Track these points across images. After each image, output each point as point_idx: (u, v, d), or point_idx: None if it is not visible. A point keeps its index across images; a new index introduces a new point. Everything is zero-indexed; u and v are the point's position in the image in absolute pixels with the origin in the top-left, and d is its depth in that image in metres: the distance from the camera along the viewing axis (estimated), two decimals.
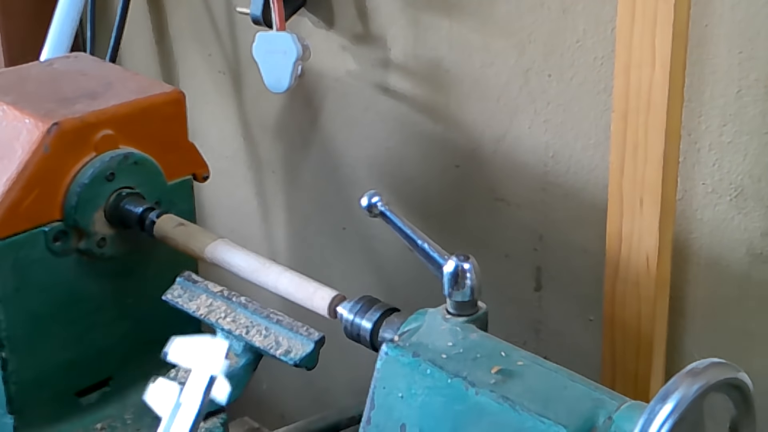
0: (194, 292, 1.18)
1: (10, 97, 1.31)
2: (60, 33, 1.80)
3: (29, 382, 1.28)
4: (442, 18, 1.37)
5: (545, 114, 1.30)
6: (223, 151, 1.79)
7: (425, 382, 0.94)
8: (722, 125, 1.13)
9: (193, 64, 1.81)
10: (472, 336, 0.98)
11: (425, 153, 1.47)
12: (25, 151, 1.23)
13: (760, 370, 1.16)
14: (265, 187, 1.76)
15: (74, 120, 1.26)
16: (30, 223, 1.24)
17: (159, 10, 1.85)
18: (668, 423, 0.78)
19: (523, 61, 1.30)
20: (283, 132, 1.69)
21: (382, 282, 1.60)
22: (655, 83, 1.10)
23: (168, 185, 1.34)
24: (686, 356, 1.24)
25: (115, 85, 1.36)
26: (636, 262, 1.18)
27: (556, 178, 1.31)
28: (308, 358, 1.02)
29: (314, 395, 1.76)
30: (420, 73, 1.43)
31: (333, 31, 1.52)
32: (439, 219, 1.48)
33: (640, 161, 1.14)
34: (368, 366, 0.99)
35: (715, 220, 1.17)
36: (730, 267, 1.18)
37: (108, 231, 1.29)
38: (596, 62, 1.22)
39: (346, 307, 1.06)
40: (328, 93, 1.57)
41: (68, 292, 1.29)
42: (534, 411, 0.87)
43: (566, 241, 1.33)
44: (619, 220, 1.18)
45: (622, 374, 1.23)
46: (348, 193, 1.59)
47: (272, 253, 1.77)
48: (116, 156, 1.28)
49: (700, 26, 1.11)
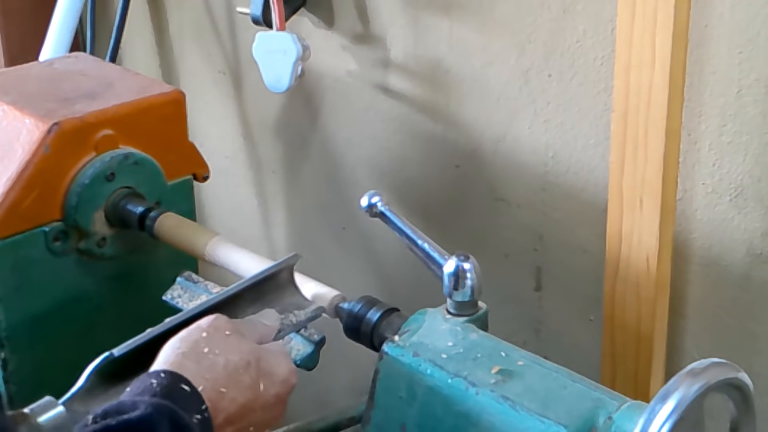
0: (194, 292, 1.18)
1: (10, 97, 1.31)
2: (60, 33, 1.80)
3: (29, 382, 1.28)
4: (442, 18, 1.37)
5: (545, 114, 1.30)
6: (223, 151, 1.79)
7: (425, 382, 0.94)
8: (722, 125, 1.13)
9: (193, 64, 1.81)
10: (472, 336, 0.98)
11: (425, 153, 1.47)
12: (25, 151, 1.23)
13: (760, 370, 1.16)
14: (265, 187, 1.76)
15: (74, 120, 1.26)
16: (30, 223, 1.24)
17: (159, 10, 1.85)
18: (668, 423, 0.78)
19: (523, 61, 1.30)
20: (283, 132, 1.69)
21: (382, 282, 1.60)
22: (655, 83, 1.10)
23: (168, 185, 1.34)
24: (686, 356, 1.24)
25: (115, 85, 1.36)
26: (636, 262, 1.18)
27: (556, 178, 1.31)
28: (308, 358, 1.02)
29: (314, 395, 1.76)
30: (420, 73, 1.43)
31: (333, 31, 1.52)
32: (439, 219, 1.48)
33: (640, 161, 1.14)
34: (368, 366, 0.99)
35: (715, 220, 1.17)
36: (730, 267, 1.18)
37: (108, 231, 1.30)
38: (596, 62, 1.22)
39: (346, 307, 1.06)
40: (328, 93, 1.57)
41: (68, 292, 1.30)
42: (534, 411, 0.87)
43: (566, 241, 1.33)
44: (619, 220, 1.18)
45: (622, 374, 1.23)
46: (348, 193, 1.59)
47: (272, 253, 1.77)
48: (116, 156, 1.28)
49: (700, 26, 1.11)
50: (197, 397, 0.84)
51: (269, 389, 0.92)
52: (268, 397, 0.92)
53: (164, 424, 0.79)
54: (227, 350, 0.91)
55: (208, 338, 0.91)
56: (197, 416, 0.83)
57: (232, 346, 0.91)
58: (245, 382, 0.90)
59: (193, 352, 0.89)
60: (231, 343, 0.92)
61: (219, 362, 0.89)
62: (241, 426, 0.89)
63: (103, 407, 0.79)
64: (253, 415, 0.90)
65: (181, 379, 0.84)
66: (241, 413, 0.89)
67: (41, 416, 0.81)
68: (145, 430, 0.78)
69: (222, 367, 0.89)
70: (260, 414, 0.91)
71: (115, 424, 0.77)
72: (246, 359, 0.91)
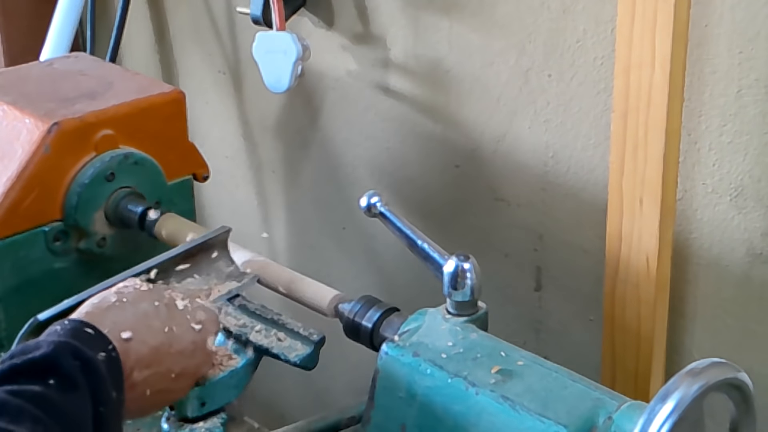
0: None
1: (10, 97, 1.31)
2: (60, 33, 1.80)
3: None
4: (442, 18, 1.37)
5: (545, 114, 1.30)
6: (223, 151, 1.79)
7: (425, 382, 0.94)
8: (722, 125, 1.13)
9: (193, 64, 1.81)
10: (472, 336, 0.98)
11: (425, 153, 1.47)
12: (25, 151, 1.23)
13: (760, 370, 1.16)
14: (265, 187, 1.76)
15: (74, 120, 1.26)
16: (30, 223, 1.24)
17: (159, 10, 1.85)
18: (668, 423, 0.78)
19: (523, 61, 1.30)
20: (283, 132, 1.69)
21: (382, 282, 1.60)
22: (655, 83, 1.10)
23: (168, 185, 1.34)
24: (686, 356, 1.24)
25: (115, 85, 1.36)
26: (636, 262, 1.18)
27: (556, 178, 1.31)
28: (308, 358, 1.01)
29: (314, 395, 1.76)
30: (420, 73, 1.43)
31: (333, 31, 1.52)
32: (439, 219, 1.48)
33: (640, 161, 1.14)
34: (368, 366, 0.99)
35: (715, 220, 1.17)
36: (730, 267, 1.18)
37: (108, 231, 1.29)
38: (596, 62, 1.22)
39: (346, 307, 1.06)
40: (328, 93, 1.57)
41: (68, 292, 1.29)
42: (534, 411, 0.87)
43: (566, 241, 1.33)
44: (619, 220, 1.18)
45: (622, 374, 1.23)
46: (348, 193, 1.59)
47: (272, 253, 1.77)
48: (116, 156, 1.28)
49: (700, 26, 1.11)
50: (102, 338, 0.86)
51: (184, 335, 0.94)
52: (185, 343, 0.94)
53: (67, 358, 0.80)
54: (137, 299, 0.94)
55: (119, 292, 0.94)
56: (102, 354, 0.84)
57: (142, 295, 0.95)
58: (155, 326, 0.92)
59: (102, 303, 0.92)
60: (142, 293, 0.95)
61: (127, 308, 0.92)
62: (159, 370, 0.91)
63: (9, 351, 0.82)
64: (171, 360, 0.92)
65: (84, 323, 0.87)
66: (155, 356, 0.90)
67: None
68: (50, 365, 0.80)
69: (131, 313, 0.91)
70: (179, 359, 0.93)
71: (20, 363, 0.79)
72: (155, 305, 0.93)
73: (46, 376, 0.79)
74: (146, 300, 0.94)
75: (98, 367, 0.82)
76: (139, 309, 0.92)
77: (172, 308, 0.96)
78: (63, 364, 0.80)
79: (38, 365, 0.80)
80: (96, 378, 0.82)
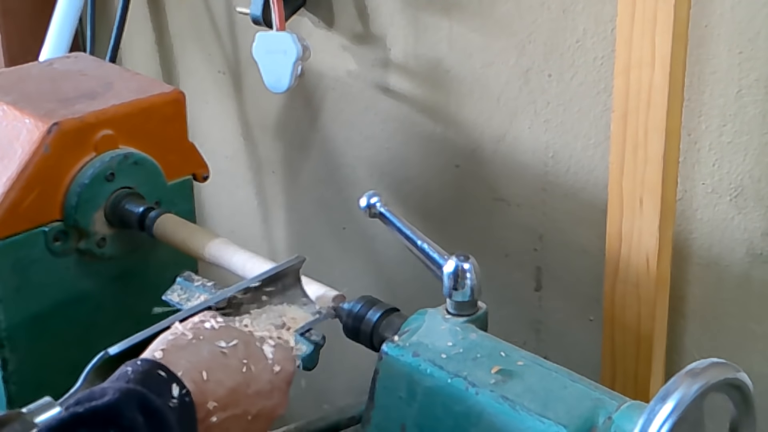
0: (194, 292, 1.18)
1: (10, 97, 1.31)
2: (60, 33, 1.80)
3: (29, 382, 1.28)
4: (442, 18, 1.37)
5: (545, 114, 1.30)
6: (223, 151, 1.79)
7: (425, 382, 0.94)
8: (722, 125, 1.13)
9: (193, 64, 1.81)
10: (472, 336, 0.98)
11: (425, 153, 1.47)
12: (25, 151, 1.23)
13: (760, 370, 1.16)
14: (265, 187, 1.76)
15: (74, 120, 1.26)
16: (30, 223, 1.24)
17: (159, 10, 1.85)
18: (668, 423, 0.78)
19: (523, 61, 1.30)
20: (283, 132, 1.69)
21: (382, 282, 1.60)
22: (655, 83, 1.10)
23: (168, 185, 1.34)
24: (686, 356, 1.24)
25: (115, 85, 1.36)
26: (636, 262, 1.18)
27: (556, 178, 1.31)
28: (308, 358, 1.01)
29: (314, 395, 1.76)
30: (420, 73, 1.43)
31: (333, 31, 1.52)
32: (439, 219, 1.48)
33: (640, 161, 1.14)
34: (368, 366, 0.99)
35: (715, 220, 1.17)
36: (730, 267, 1.18)
37: (108, 231, 1.29)
38: (596, 62, 1.22)
39: (346, 307, 1.06)
40: (328, 93, 1.57)
41: (68, 292, 1.29)
42: (534, 411, 0.87)
43: (566, 241, 1.33)
44: (619, 220, 1.18)
45: (622, 374, 1.23)
46: (348, 193, 1.59)
47: (272, 253, 1.77)
48: (116, 156, 1.28)
49: (700, 26, 1.11)
50: (175, 382, 0.82)
51: (261, 374, 0.90)
52: (263, 383, 0.90)
53: (132, 409, 0.77)
54: (213, 337, 0.89)
55: (194, 328, 0.90)
56: (174, 400, 0.81)
57: (218, 333, 0.90)
58: (232, 365, 0.88)
59: (177, 341, 0.88)
60: (218, 330, 0.91)
61: (203, 347, 0.88)
62: (236, 412, 0.87)
63: (76, 396, 0.79)
64: (248, 401, 0.88)
65: (157, 365, 0.83)
66: (233, 398, 0.87)
67: (38, 416, 0.81)
68: (113, 416, 0.77)
69: (206, 351, 0.87)
70: (256, 400, 0.89)
71: (82, 411, 0.76)
72: (232, 343, 0.89)
73: (108, 427, 0.76)
74: (223, 337, 0.90)
75: (165, 418, 0.79)
76: (215, 347, 0.88)
77: (250, 346, 0.91)
78: (126, 415, 0.77)
79: (100, 415, 0.77)
80: (161, 430, 0.79)
